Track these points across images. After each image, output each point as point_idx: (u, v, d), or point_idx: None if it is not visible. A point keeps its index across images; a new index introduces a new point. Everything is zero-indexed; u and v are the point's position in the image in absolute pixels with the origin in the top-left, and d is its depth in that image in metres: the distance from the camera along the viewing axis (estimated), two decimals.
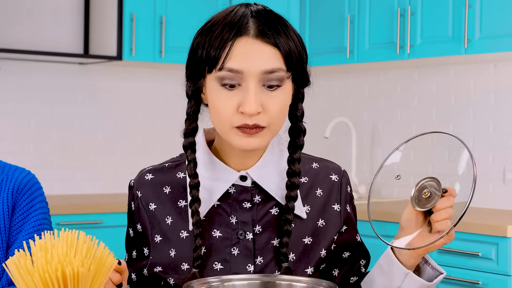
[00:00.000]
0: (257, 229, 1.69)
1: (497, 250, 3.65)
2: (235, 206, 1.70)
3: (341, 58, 4.75)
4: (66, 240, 1.32)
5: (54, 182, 4.85)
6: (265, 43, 1.59)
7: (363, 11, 4.66)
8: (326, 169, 1.78)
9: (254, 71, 1.57)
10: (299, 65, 1.64)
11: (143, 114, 5.19)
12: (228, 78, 1.59)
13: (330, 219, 1.75)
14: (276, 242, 1.69)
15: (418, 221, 1.64)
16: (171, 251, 1.70)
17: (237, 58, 1.58)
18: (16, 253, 1.32)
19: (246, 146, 1.62)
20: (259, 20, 1.60)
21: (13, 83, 4.80)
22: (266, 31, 1.59)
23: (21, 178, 2.00)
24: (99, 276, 1.33)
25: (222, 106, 1.60)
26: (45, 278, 1.28)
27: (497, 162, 4.41)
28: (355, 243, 1.80)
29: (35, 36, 4.79)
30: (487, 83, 4.46)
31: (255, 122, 1.59)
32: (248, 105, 1.57)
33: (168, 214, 1.72)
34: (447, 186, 1.60)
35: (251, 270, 1.67)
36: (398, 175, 1.67)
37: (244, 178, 1.70)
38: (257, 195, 1.70)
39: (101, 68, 5.06)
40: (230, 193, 1.70)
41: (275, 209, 1.71)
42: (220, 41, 1.59)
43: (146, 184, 1.75)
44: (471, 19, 4.08)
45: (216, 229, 1.69)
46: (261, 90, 1.59)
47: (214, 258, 1.68)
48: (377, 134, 5.05)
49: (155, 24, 4.81)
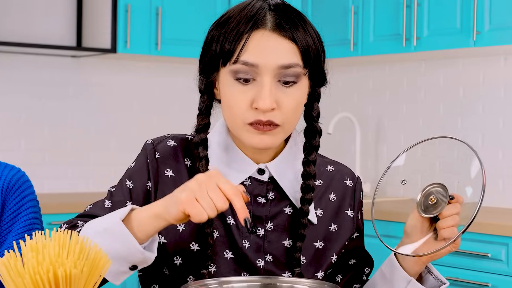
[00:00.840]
0: (268, 226, 1.70)
1: (507, 251, 3.65)
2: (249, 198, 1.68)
3: (345, 51, 4.77)
4: (58, 240, 1.33)
5: (45, 180, 4.86)
6: (282, 37, 1.59)
7: (367, 2, 4.66)
8: (341, 173, 1.81)
9: (270, 65, 1.58)
10: (316, 62, 1.64)
11: (138, 109, 5.18)
12: (242, 72, 1.59)
13: (342, 224, 1.76)
14: (287, 243, 1.70)
15: (424, 228, 1.65)
16: (179, 226, 1.68)
17: (253, 51, 1.58)
18: (6, 254, 1.32)
19: (258, 144, 1.61)
20: (277, 14, 1.61)
21: (3, 76, 4.79)
22: (284, 24, 1.59)
23: (11, 176, 1.99)
24: (92, 277, 1.33)
25: (235, 101, 1.60)
26: (36, 279, 1.28)
27: (507, 158, 4.41)
28: (362, 251, 1.83)
29: (26, 28, 4.79)
30: (497, 76, 4.46)
31: (268, 119, 1.59)
32: (263, 100, 1.57)
33: None
34: (454, 193, 1.62)
35: (261, 265, 1.68)
36: (404, 180, 1.69)
37: (261, 172, 1.70)
38: (271, 191, 1.70)
39: (94, 61, 5.06)
40: (245, 184, 1.69)
41: (288, 209, 1.71)
42: (235, 34, 1.60)
43: (167, 148, 1.72)
44: (480, 10, 4.08)
45: (231, 217, 1.69)
46: (276, 86, 1.59)
47: (226, 246, 1.68)
48: (382, 130, 5.06)
49: (151, 15, 4.80)
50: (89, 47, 4.81)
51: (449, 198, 1.60)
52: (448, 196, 1.60)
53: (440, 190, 1.62)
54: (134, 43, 4.74)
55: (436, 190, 1.62)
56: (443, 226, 1.59)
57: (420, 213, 1.63)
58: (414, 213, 1.65)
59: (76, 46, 4.87)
